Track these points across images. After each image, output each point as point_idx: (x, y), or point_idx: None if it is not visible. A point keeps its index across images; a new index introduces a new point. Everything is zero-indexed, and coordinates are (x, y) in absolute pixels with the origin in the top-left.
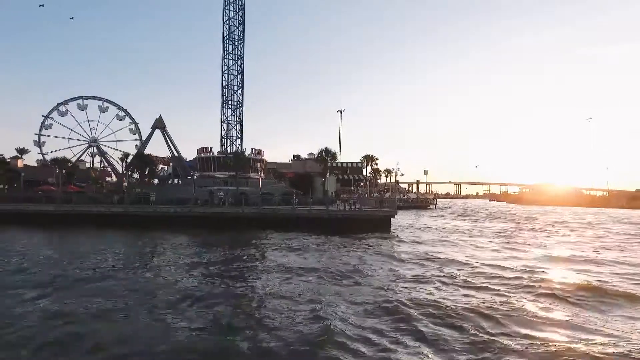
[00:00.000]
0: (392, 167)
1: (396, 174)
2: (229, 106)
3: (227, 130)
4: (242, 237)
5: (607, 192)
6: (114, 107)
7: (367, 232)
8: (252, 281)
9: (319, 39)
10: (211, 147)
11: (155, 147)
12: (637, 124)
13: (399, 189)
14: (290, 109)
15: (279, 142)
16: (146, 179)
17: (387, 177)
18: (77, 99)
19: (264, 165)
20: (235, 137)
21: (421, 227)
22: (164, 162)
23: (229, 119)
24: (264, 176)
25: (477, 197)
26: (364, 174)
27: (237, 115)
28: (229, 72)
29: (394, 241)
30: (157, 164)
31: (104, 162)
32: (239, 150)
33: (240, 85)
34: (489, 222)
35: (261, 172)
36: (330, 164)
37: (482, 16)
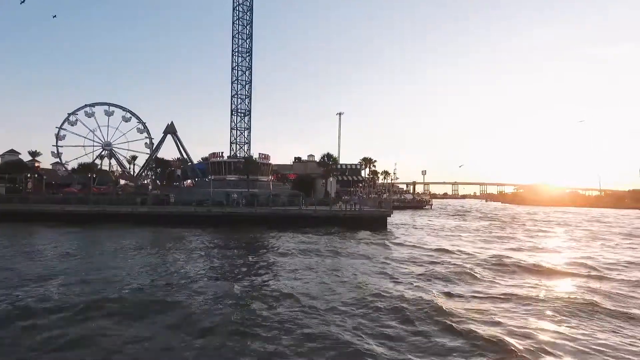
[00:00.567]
0: (391, 168)
1: (392, 176)
2: (238, 114)
3: (236, 136)
4: (258, 233)
5: (602, 193)
6: (119, 109)
7: (366, 229)
8: (272, 266)
9: (318, 38)
10: (222, 152)
11: (162, 149)
12: (637, 124)
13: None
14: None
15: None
16: (164, 182)
17: (384, 178)
18: (84, 107)
19: (271, 168)
20: (243, 143)
21: (413, 225)
22: (175, 165)
23: (237, 125)
24: (270, 179)
25: (474, 197)
26: (363, 175)
27: (245, 122)
28: (237, 83)
29: (388, 235)
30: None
31: (118, 165)
32: (247, 154)
33: (248, 94)
34: (474, 221)
35: (269, 175)
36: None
37: (481, 16)
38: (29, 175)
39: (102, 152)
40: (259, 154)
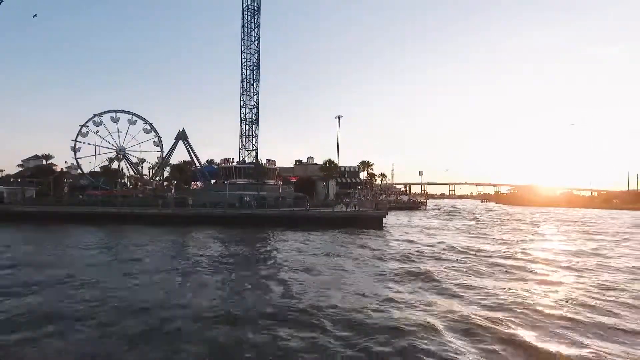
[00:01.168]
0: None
1: (389, 177)
2: (246, 122)
3: (245, 143)
4: (269, 232)
5: (596, 193)
6: (141, 121)
7: (364, 228)
8: (283, 259)
9: (318, 38)
10: (233, 158)
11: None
12: (637, 124)
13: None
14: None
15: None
16: (183, 185)
17: (381, 180)
18: (110, 112)
19: (277, 172)
20: (251, 149)
21: (407, 225)
22: (187, 169)
23: (246, 133)
24: (276, 182)
25: (471, 197)
26: (361, 177)
27: (253, 130)
28: (246, 94)
29: (384, 233)
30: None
31: (132, 169)
32: (254, 160)
33: (255, 104)
34: (459, 220)
35: (275, 179)
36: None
37: (481, 16)
38: (59, 180)
39: (116, 156)
40: (266, 159)
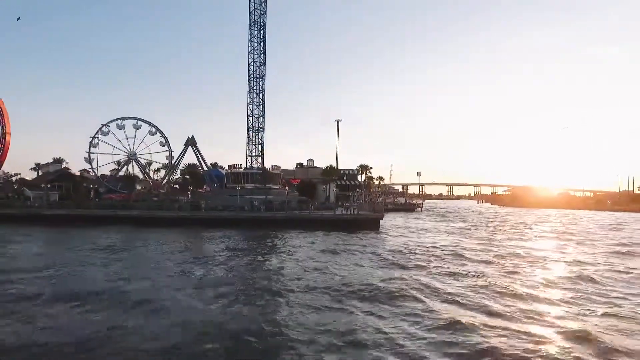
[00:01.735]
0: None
1: (387, 179)
2: (253, 130)
3: (251, 149)
4: (278, 232)
5: (592, 194)
6: (146, 124)
7: (363, 229)
8: (292, 255)
9: (317, 38)
10: (241, 164)
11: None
12: (637, 124)
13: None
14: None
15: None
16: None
17: (379, 182)
18: (116, 120)
19: (281, 177)
20: (257, 155)
21: (402, 226)
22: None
23: (252, 140)
24: (281, 186)
25: (468, 197)
26: (360, 179)
27: (259, 138)
28: (252, 104)
29: (380, 233)
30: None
31: (143, 173)
32: (260, 166)
33: (262, 113)
34: (449, 222)
35: (281, 184)
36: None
37: (481, 16)
38: (80, 184)
39: (127, 160)
40: (272, 165)
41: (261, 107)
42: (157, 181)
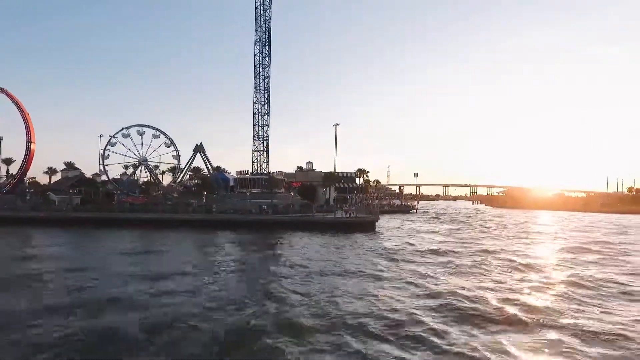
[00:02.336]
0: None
1: (384, 180)
2: (258, 139)
3: (257, 157)
4: (284, 233)
5: (587, 195)
6: (163, 136)
7: (360, 231)
8: (297, 253)
9: (317, 38)
10: (247, 170)
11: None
12: (637, 124)
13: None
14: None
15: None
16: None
17: (375, 185)
18: (137, 126)
19: (285, 182)
20: (262, 162)
21: (396, 227)
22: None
23: (258, 148)
24: (285, 191)
25: (465, 198)
26: (357, 182)
27: (264, 146)
28: (258, 114)
29: (376, 234)
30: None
31: (152, 177)
32: (264, 172)
33: (267, 123)
34: (440, 224)
35: (283, 188)
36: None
37: (481, 16)
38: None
39: (138, 165)
40: (276, 171)
41: (266, 117)
42: (172, 186)
